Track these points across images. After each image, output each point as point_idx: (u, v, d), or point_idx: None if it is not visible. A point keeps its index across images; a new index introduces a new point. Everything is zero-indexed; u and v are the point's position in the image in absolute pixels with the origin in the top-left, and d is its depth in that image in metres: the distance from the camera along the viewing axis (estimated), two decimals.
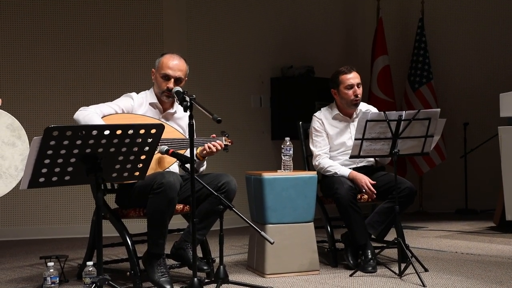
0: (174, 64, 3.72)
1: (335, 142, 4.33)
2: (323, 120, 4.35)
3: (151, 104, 3.76)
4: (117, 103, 3.69)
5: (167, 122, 3.72)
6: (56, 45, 5.99)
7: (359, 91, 4.28)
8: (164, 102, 3.77)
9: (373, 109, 4.38)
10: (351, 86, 4.26)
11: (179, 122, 3.83)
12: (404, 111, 3.78)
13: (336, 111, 4.36)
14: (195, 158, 3.41)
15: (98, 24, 6.06)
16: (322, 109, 4.43)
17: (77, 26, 6.02)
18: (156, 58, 3.82)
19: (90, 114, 3.50)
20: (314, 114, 4.40)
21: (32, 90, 5.93)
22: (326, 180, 4.24)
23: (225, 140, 3.74)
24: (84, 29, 6.04)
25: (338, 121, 4.35)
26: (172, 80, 3.69)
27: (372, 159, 4.31)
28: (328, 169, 4.23)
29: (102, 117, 3.54)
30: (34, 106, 5.91)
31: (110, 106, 3.64)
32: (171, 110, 3.81)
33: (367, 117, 3.74)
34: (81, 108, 3.56)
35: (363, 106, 4.38)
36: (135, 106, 3.72)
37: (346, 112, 4.35)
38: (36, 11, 5.96)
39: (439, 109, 3.88)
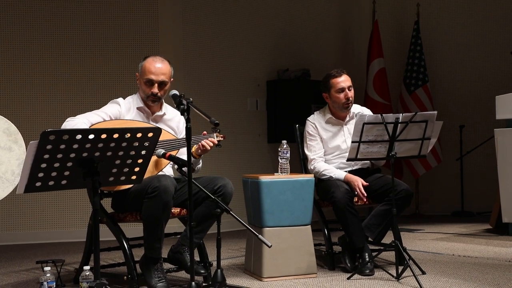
0: (157, 68, 3.68)
1: (329, 146, 4.32)
2: (316, 124, 4.33)
3: (138, 108, 3.75)
4: (104, 111, 3.66)
5: (157, 125, 3.70)
6: (53, 50, 5.97)
7: (351, 94, 4.26)
8: (151, 105, 3.76)
9: (366, 111, 4.39)
10: (342, 90, 4.24)
11: (169, 124, 3.82)
12: (401, 114, 3.78)
13: (329, 115, 4.35)
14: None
15: (94, 29, 6.05)
16: (315, 113, 4.42)
17: (74, 31, 6.01)
18: None
19: (78, 125, 3.45)
20: (308, 118, 4.39)
21: (29, 95, 5.91)
22: (323, 184, 4.24)
23: (216, 136, 3.73)
24: (80, 34, 6.02)
25: (332, 124, 4.34)
26: (156, 84, 3.67)
27: (367, 161, 4.31)
28: (323, 172, 4.22)
29: (90, 126, 3.50)
30: (31, 110, 5.89)
31: (97, 114, 3.61)
32: (160, 113, 3.79)
33: (364, 119, 3.74)
34: (68, 119, 3.52)
35: (356, 108, 4.38)
36: (123, 111, 3.69)
37: (339, 115, 4.33)
38: (34, 16, 5.94)
39: (436, 112, 3.89)
